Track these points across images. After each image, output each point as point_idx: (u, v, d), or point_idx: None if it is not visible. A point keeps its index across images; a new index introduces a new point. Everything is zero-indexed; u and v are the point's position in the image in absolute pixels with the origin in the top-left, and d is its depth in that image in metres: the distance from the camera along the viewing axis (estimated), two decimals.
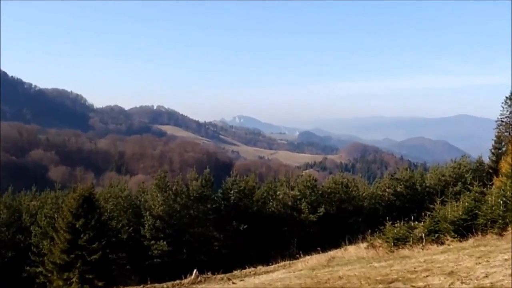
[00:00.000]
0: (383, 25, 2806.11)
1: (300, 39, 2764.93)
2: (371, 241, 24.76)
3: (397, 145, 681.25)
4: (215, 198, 38.89)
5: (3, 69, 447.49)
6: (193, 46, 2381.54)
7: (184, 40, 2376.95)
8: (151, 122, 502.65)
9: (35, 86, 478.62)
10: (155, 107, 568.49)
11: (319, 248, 28.95)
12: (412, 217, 24.67)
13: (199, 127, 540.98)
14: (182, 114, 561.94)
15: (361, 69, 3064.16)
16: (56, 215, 31.37)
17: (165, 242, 33.47)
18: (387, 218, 25.56)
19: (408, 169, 49.92)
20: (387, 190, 46.11)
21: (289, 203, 40.59)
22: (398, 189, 46.02)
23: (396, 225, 23.77)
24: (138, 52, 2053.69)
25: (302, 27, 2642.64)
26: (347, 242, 28.78)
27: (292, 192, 41.20)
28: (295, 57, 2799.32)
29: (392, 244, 22.38)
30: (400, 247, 21.87)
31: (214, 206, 37.94)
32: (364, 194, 45.02)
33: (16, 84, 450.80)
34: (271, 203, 40.91)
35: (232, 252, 36.33)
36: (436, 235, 21.62)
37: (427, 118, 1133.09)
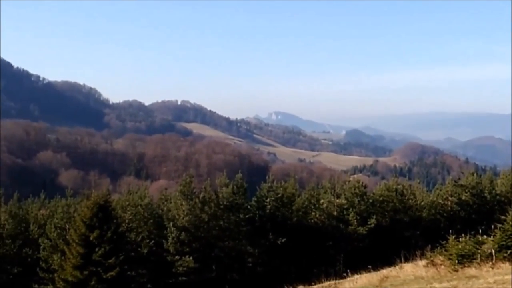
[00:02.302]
0: (443, 4, 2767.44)
1: (345, 23, 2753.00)
2: (431, 258, 24.53)
3: (462, 146, 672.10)
4: (249, 207, 38.98)
5: (8, 60, 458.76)
6: (221, 31, 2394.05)
7: (210, 24, 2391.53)
8: (174, 119, 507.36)
9: (44, 78, 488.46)
10: (179, 102, 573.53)
11: (369, 266, 28.79)
12: (480, 231, 24.35)
13: (230, 125, 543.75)
14: (210, 110, 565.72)
15: (419, 58, 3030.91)
16: (67, 226, 31.95)
17: (191, 258, 33.62)
18: (450, 231, 25.29)
19: (475, 174, 49.10)
20: (449, 198, 45.45)
21: (335, 213, 40.42)
22: (463, 198, 45.31)
23: (460, 239, 23.50)
24: (160, 40, 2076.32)
25: (346, 8, 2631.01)
26: (402, 259, 28.58)
27: (337, 200, 41.01)
28: (341, 44, 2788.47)
29: (456, 261, 22.12)
30: (466, 265, 21.61)
31: (247, 216, 38.00)
32: (422, 203, 44.48)
33: (22, 77, 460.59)
34: (313, 213, 40.79)
35: (269, 270, 36.35)
36: (509, 251, 21.29)
37: (498, 114, 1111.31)
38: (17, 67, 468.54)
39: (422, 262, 25.53)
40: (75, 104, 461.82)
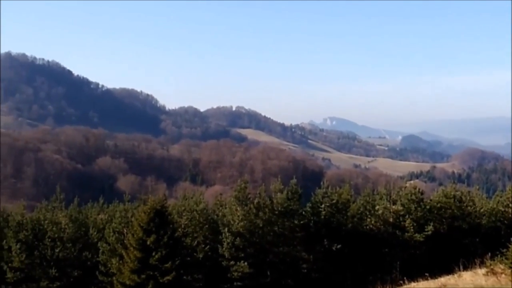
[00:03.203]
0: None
1: (400, 24, 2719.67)
2: (491, 267, 23.99)
3: None
4: (303, 213, 38.82)
5: (68, 67, 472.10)
6: (275, 35, 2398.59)
7: (264, 29, 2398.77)
8: (229, 125, 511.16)
9: (102, 86, 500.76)
10: (234, 108, 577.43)
11: (427, 274, 28.35)
12: None
13: (284, 131, 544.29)
14: (264, 116, 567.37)
15: (478, 60, 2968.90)
16: (125, 231, 32.44)
17: (246, 263, 33.71)
18: (511, 239, 24.66)
19: None
20: (510, 205, 44.27)
21: (390, 220, 39.88)
22: None
23: None
24: (214, 47, 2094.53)
25: (399, 8, 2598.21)
26: (461, 267, 28.02)
27: (394, 206, 40.44)
28: (397, 48, 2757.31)
29: None
30: None
31: (302, 222, 37.86)
32: (482, 210, 43.44)
33: (82, 84, 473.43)
34: (368, 220, 40.34)
35: (324, 276, 36.12)
36: None
37: None
38: (77, 75, 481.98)
39: (481, 271, 24.99)
40: (132, 111, 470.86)
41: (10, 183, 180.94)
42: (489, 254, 26.97)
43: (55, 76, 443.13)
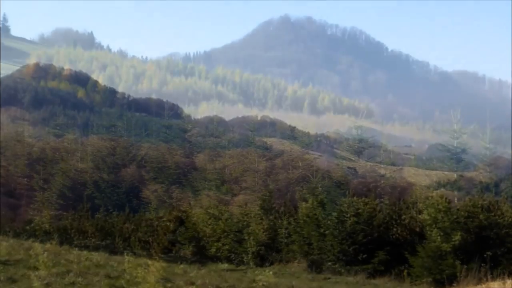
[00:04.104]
0: None
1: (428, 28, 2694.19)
2: None
3: None
4: (328, 222, 38.71)
5: (96, 78, 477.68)
6: (299, 39, 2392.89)
7: (286, 32, 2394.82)
8: (254, 134, 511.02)
9: (129, 95, 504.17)
10: (259, 118, 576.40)
11: (454, 284, 28.08)
12: None
13: (309, 140, 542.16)
14: (289, 125, 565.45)
15: (507, 66, 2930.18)
16: (150, 240, 32.68)
17: (271, 272, 33.66)
18: None
19: None
20: None
21: (417, 229, 39.55)
22: None
23: None
24: (237, 55, 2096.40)
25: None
26: (488, 277, 27.71)
27: (420, 216, 40.13)
28: (425, 54, 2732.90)
29: None
30: None
31: (326, 231, 37.75)
32: (510, 220, 42.92)
33: (109, 94, 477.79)
34: (394, 229, 40.06)
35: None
36: None
37: None
38: (104, 85, 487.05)
39: (510, 281, 24.71)
40: (158, 120, 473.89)
41: (37, 193, 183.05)
42: None
43: (82, 86, 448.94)
